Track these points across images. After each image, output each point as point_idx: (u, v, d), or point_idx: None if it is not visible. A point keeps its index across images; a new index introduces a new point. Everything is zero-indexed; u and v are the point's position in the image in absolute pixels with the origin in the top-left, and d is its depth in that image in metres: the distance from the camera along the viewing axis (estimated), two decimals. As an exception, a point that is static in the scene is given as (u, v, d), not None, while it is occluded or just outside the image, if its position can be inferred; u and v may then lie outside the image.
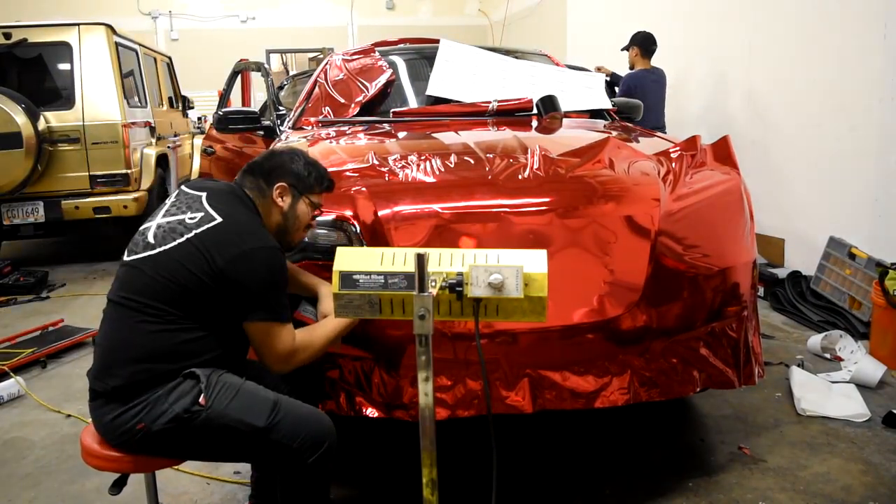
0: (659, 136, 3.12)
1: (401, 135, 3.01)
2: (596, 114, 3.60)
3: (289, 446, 1.66)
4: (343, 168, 2.39)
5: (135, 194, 5.92)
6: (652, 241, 2.12)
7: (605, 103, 3.63)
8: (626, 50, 5.42)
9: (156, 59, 7.50)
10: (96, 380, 1.71)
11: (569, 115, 3.39)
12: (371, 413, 2.02)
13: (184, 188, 1.85)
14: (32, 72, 5.97)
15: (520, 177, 2.27)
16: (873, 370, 3.08)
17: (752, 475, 2.37)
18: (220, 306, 1.69)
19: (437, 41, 3.74)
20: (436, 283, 1.44)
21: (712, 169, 2.49)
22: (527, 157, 2.38)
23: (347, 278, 1.49)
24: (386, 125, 3.18)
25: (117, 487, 1.79)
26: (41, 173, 5.62)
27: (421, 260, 1.39)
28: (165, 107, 7.56)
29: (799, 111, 4.46)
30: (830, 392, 2.94)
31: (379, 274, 1.48)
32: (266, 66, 4.86)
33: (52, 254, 6.88)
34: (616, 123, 3.47)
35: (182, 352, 1.67)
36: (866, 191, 3.91)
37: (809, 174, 4.40)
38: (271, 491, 2.08)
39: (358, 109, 3.33)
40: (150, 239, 1.73)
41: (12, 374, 3.37)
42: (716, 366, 2.18)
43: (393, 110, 3.30)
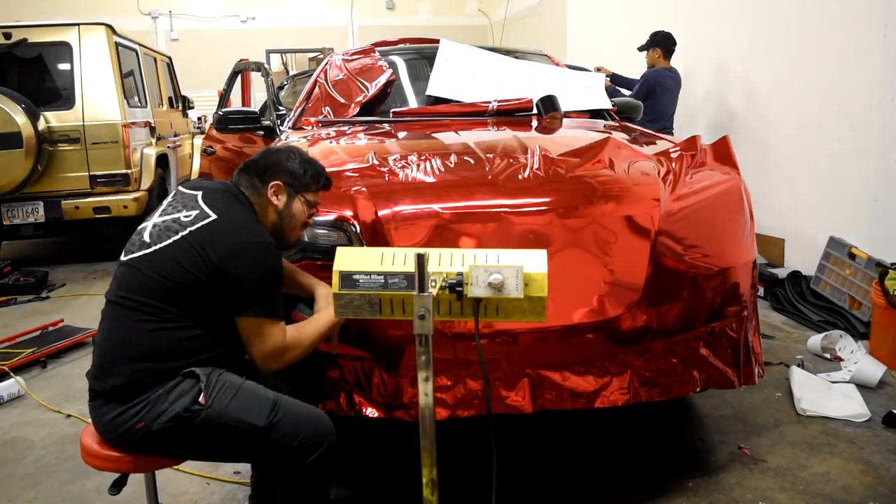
0: (659, 136, 3.12)
1: (401, 135, 3.01)
2: (596, 114, 3.60)
3: (288, 445, 1.66)
4: (343, 168, 2.40)
5: (135, 194, 5.92)
6: (652, 241, 2.12)
7: (605, 103, 3.63)
8: (644, 50, 5.38)
9: (156, 59, 7.50)
10: (96, 380, 1.71)
11: (569, 115, 3.39)
12: (371, 413, 2.02)
13: (181, 188, 1.86)
14: (32, 72, 5.98)
15: (520, 177, 2.27)
16: (873, 370, 3.08)
17: (752, 475, 2.37)
18: (217, 303, 1.69)
19: (437, 41, 3.74)
20: (436, 283, 1.44)
21: (712, 169, 2.49)
22: (527, 157, 2.38)
23: (347, 278, 1.49)
24: (386, 125, 3.18)
25: (117, 487, 1.79)
26: (41, 173, 5.62)
27: (421, 260, 1.39)
28: (165, 107, 7.56)
29: (799, 111, 4.46)
30: (830, 392, 2.94)
31: (379, 274, 1.48)
32: (266, 66, 4.86)
33: (52, 254, 6.88)
34: (616, 123, 3.47)
35: (181, 350, 1.67)
36: (866, 191, 3.91)
37: (809, 174, 4.40)
38: (271, 491, 2.08)
39: (358, 109, 3.33)
40: (146, 238, 1.73)
41: (12, 374, 3.37)
42: (716, 366, 2.18)
43: (393, 110, 3.30)
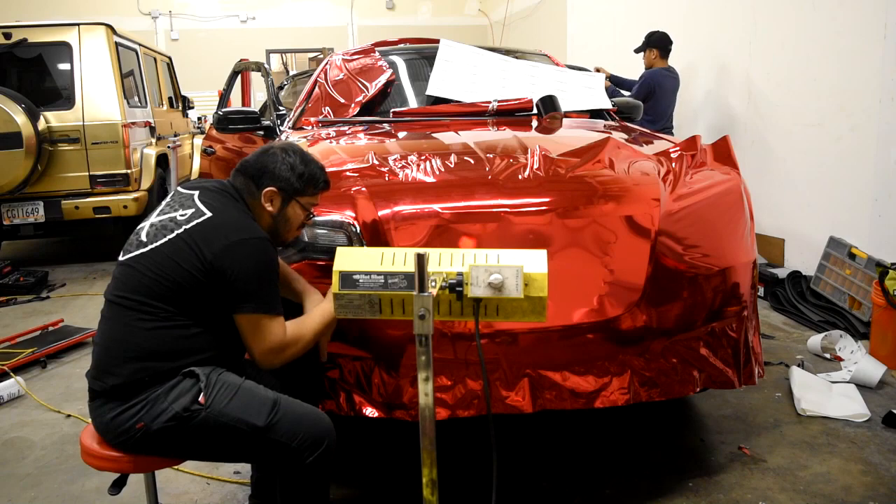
0: (659, 136, 3.11)
1: (401, 135, 3.01)
2: (596, 114, 3.60)
3: (288, 445, 1.66)
4: (343, 168, 2.39)
5: (135, 194, 5.92)
6: (652, 241, 2.12)
7: (605, 103, 3.63)
8: (640, 52, 5.38)
9: (156, 59, 7.51)
10: (95, 379, 1.71)
11: (569, 115, 3.39)
12: (371, 413, 2.02)
13: (179, 188, 1.87)
14: (32, 72, 5.98)
15: (520, 177, 2.27)
16: (873, 370, 3.08)
17: (752, 475, 2.37)
18: (214, 301, 1.69)
19: (437, 41, 3.74)
20: (436, 283, 1.44)
21: (712, 169, 2.49)
22: (527, 157, 2.37)
23: (347, 278, 1.49)
24: (386, 125, 3.18)
25: (117, 487, 1.79)
26: (41, 173, 5.62)
27: (421, 260, 1.39)
28: (165, 107, 7.56)
29: (799, 111, 4.46)
30: (830, 392, 2.94)
31: (379, 274, 1.48)
32: (266, 66, 4.86)
33: (52, 254, 6.88)
34: (616, 123, 3.47)
35: (179, 349, 1.68)
36: (866, 191, 3.91)
37: (809, 174, 4.40)
38: (271, 491, 2.08)
39: (358, 109, 3.33)
40: (143, 237, 1.75)
41: (12, 374, 3.37)
42: (716, 366, 2.18)
43: (393, 110, 3.30)
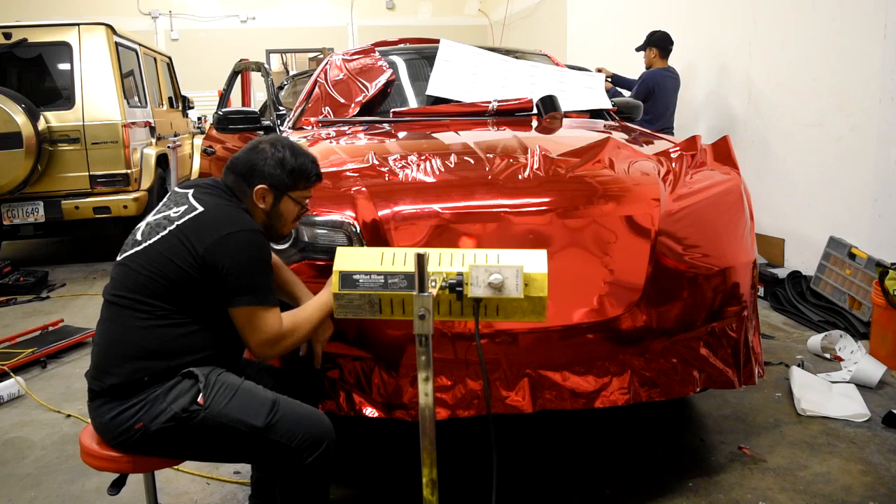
0: (659, 136, 3.11)
1: (401, 135, 3.01)
2: (596, 114, 3.60)
3: (287, 446, 1.66)
4: (343, 168, 2.39)
5: (135, 194, 5.92)
6: (652, 241, 2.12)
7: (605, 103, 3.63)
8: (641, 50, 5.39)
9: (156, 59, 7.50)
10: (94, 379, 1.71)
11: (569, 115, 3.39)
12: (371, 413, 2.02)
13: (175, 188, 1.89)
14: (32, 72, 5.98)
15: (520, 177, 2.27)
16: (873, 370, 3.08)
17: (752, 475, 2.37)
18: (210, 297, 1.69)
19: (437, 41, 3.74)
20: (436, 283, 1.43)
21: (712, 169, 2.49)
22: (527, 157, 2.37)
23: (347, 278, 1.49)
24: (386, 125, 3.18)
25: (116, 488, 1.79)
26: (41, 173, 5.62)
27: (421, 260, 1.39)
28: (165, 107, 7.56)
29: (799, 111, 4.46)
30: (830, 392, 2.94)
31: (379, 274, 1.48)
32: (266, 66, 4.86)
33: (52, 254, 6.88)
34: (616, 123, 3.47)
35: (177, 348, 1.68)
36: (866, 191, 3.91)
37: (809, 174, 4.40)
38: (271, 491, 2.08)
39: (358, 109, 3.33)
40: (138, 236, 1.76)
41: (12, 374, 3.37)
42: (716, 366, 2.18)
43: (393, 110, 3.30)
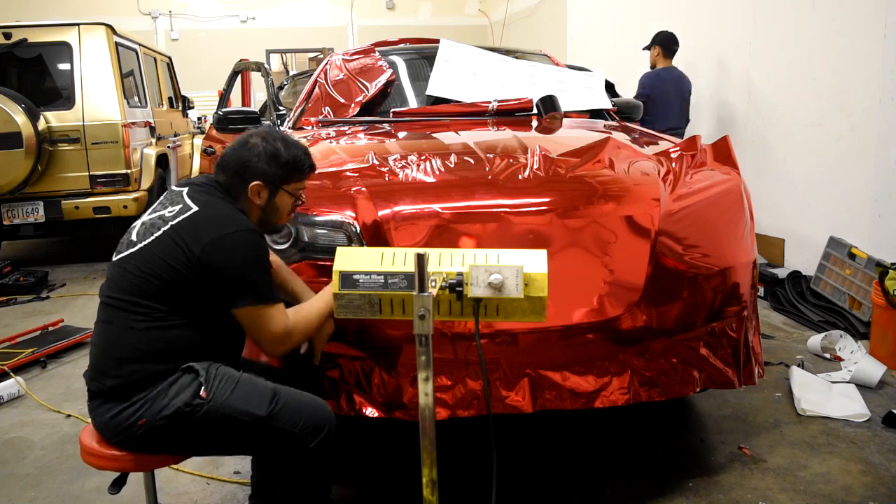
0: (659, 136, 3.11)
1: (401, 135, 3.01)
2: (596, 114, 3.60)
3: (290, 432, 1.68)
4: (343, 168, 2.39)
5: (135, 194, 5.93)
6: (652, 241, 2.12)
7: (605, 103, 3.63)
8: (647, 49, 5.40)
9: (156, 59, 7.50)
10: (92, 380, 1.71)
11: (569, 115, 3.39)
12: (371, 413, 2.02)
13: (172, 187, 1.89)
14: (32, 72, 5.98)
15: (520, 177, 2.27)
16: (873, 370, 3.08)
17: (752, 475, 2.37)
18: (206, 297, 1.69)
19: (437, 41, 3.74)
20: (436, 283, 1.44)
21: (712, 169, 2.49)
22: (527, 157, 2.37)
23: (347, 278, 1.49)
24: (386, 125, 3.18)
25: (117, 486, 1.80)
26: (41, 173, 5.62)
27: (421, 260, 1.39)
28: (165, 107, 7.56)
29: (799, 111, 4.46)
30: (830, 392, 2.94)
31: (379, 274, 1.48)
32: (266, 66, 4.87)
33: (52, 254, 6.88)
34: (616, 123, 3.47)
35: (174, 349, 1.68)
36: (866, 191, 3.91)
37: (809, 174, 4.40)
38: (271, 491, 2.08)
39: (358, 109, 3.33)
40: (133, 237, 1.75)
41: (12, 374, 3.37)
42: (716, 366, 2.18)
43: (393, 110, 3.30)
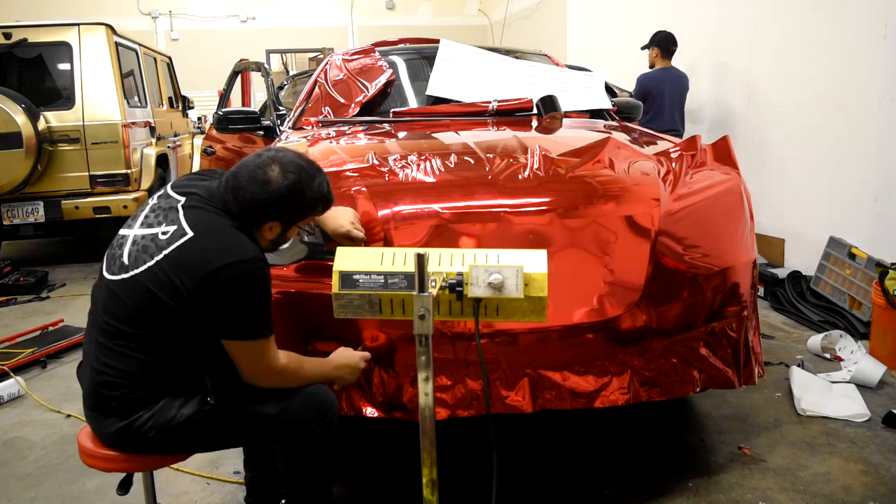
0: (659, 136, 3.12)
1: (401, 135, 3.01)
2: (596, 114, 3.60)
3: (298, 421, 1.70)
4: (343, 168, 2.40)
5: (135, 194, 5.92)
6: (652, 241, 2.12)
7: (605, 103, 3.63)
8: (646, 49, 5.41)
9: (156, 59, 7.50)
10: (89, 396, 1.69)
11: (569, 115, 3.39)
12: (371, 413, 2.02)
13: (168, 190, 1.75)
14: (32, 72, 5.97)
15: (520, 177, 2.27)
16: (873, 370, 3.08)
17: (752, 475, 2.37)
18: (200, 327, 1.62)
19: (437, 41, 3.74)
20: (436, 283, 1.44)
21: (712, 169, 2.49)
22: (527, 157, 2.37)
23: (347, 278, 1.49)
24: (386, 125, 3.18)
25: (124, 488, 1.80)
26: (41, 173, 5.62)
27: (421, 260, 1.39)
28: (165, 107, 7.56)
29: (799, 111, 4.46)
30: (830, 392, 2.94)
31: (379, 274, 1.48)
32: (266, 66, 4.86)
33: (52, 254, 6.88)
34: (616, 123, 3.47)
35: (173, 371, 1.65)
36: (866, 191, 3.91)
37: (809, 174, 4.40)
38: (266, 491, 2.09)
39: (358, 109, 3.32)
40: (125, 258, 1.66)
41: (12, 374, 3.37)
42: (716, 366, 2.18)
43: (393, 110, 3.30)
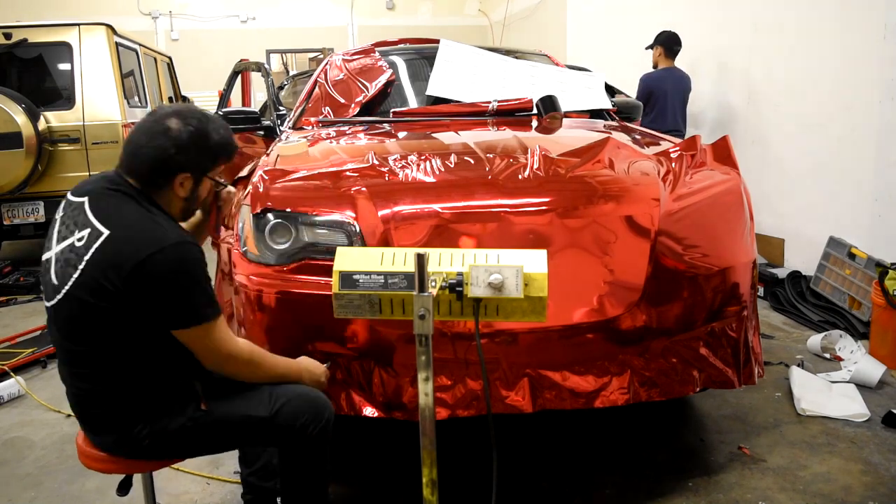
0: (659, 136, 3.12)
1: (401, 135, 3.01)
2: (596, 114, 3.60)
3: (293, 425, 1.70)
4: (343, 168, 2.40)
5: (135, 194, 5.91)
6: (652, 241, 2.12)
7: (605, 103, 3.63)
8: (650, 49, 5.41)
9: (156, 59, 7.50)
10: (77, 415, 1.68)
11: (569, 115, 3.39)
12: (371, 413, 2.02)
13: (69, 196, 1.71)
14: (32, 72, 5.97)
15: (520, 177, 2.27)
16: (873, 370, 3.08)
17: (752, 475, 2.37)
18: (147, 325, 1.57)
19: (437, 41, 3.74)
20: (436, 283, 1.43)
21: (712, 169, 2.49)
22: (527, 157, 2.37)
23: (347, 278, 1.49)
24: (386, 125, 3.18)
25: (124, 489, 1.80)
26: (41, 173, 5.61)
27: (421, 260, 1.39)
28: (165, 107, 7.54)
29: (799, 111, 4.46)
30: (830, 392, 2.94)
31: (379, 274, 1.48)
32: (266, 66, 4.86)
33: (52, 254, 6.88)
34: (616, 123, 3.47)
35: (154, 386, 1.64)
36: (866, 191, 3.91)
37: (809, 174, 4.39)
38: (263, 486, 2.08)
39: (358, 109, 3.33)
40: (54, 279, 1.60)
41: (12, 374, 3.37)
42: (716, 366, 2.18)
43: (393, 110, 3.30)
